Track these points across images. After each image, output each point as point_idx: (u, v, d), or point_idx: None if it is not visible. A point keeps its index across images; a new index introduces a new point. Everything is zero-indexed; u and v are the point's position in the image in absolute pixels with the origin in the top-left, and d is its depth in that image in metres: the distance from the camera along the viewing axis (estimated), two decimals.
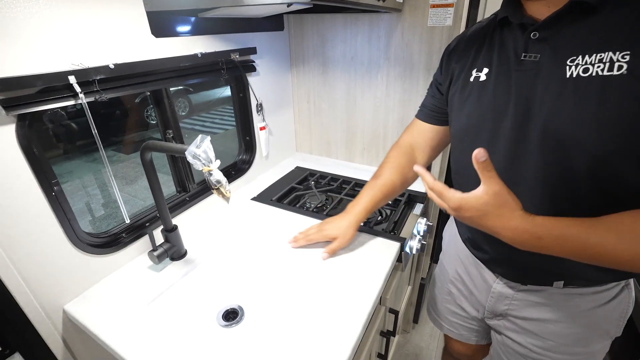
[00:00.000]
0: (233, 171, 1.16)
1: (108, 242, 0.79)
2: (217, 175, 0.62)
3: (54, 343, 0.71)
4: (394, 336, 0.94)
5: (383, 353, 0.91)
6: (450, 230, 0.86)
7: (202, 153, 0.61)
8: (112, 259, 0.79)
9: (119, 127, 4.20)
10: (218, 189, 0.63)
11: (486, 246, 0.66)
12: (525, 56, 0.51)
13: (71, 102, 0.64)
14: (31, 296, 0.65)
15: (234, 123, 1.16)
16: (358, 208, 0.82)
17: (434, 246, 1.47)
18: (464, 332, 0.87)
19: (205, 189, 1.04)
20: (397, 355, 1.51)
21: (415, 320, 1.63)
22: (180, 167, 0.96)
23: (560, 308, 0.63)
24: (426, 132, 0.77)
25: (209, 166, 0.62)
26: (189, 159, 0.62)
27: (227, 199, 0.65)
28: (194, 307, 0.82)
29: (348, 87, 1.23)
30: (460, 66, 0.63)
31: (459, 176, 0.68)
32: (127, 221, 0.79)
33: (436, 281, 0.91)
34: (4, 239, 0.60)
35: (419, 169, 0.55)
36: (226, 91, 5.80)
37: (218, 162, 0.63)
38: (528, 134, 0.51)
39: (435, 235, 1.43)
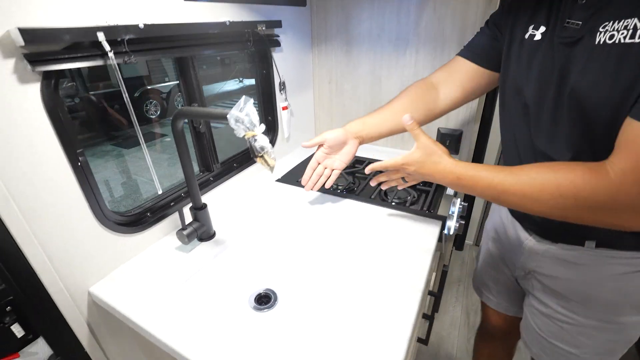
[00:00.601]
0: None
1: (133, 221, 0.74)
2: (262, 141, 0.57)
3: (79, 328, 0.66)
4: (433, 320, 0.90)
5: (424, 338, 0.86)
6: None
7: (244, 117, 0.56)
8: (137, 239, 0.74)
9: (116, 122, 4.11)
10: (262, 155, 0.58)
11: None
12: (568, 22, 0.50)
13: (99, 63, 0.59)
14: (56, 276, 0.59)
15: None
16: (362, 124, 0.82)
17: (457, 233, 1.43)
18: (502, 300, 0.85)
19: (229, 169, 0.98)
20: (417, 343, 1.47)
21: (436, 308, 1.59)
22: (205, 145, 0.90)
23: (590, 269, 0.60)
24: (464, 71, 0.73)
25: (253, 131, 0.57)
26: (232, 123, 0.56)
27: (271, 167, 0.60)
28: (226, 290, 0.77)
29: (373, 67, 1.18)
30: (520, 16, 0.60)
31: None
32: (160, 191, 0.74)
33: (481, 246, 0.90)
34: (28, 212, 0.54)
35: (406, 120, 0.63)
36: (232, 85, 5.73)
37: (263, 127, 0.58)
38: (563, 99, 0.51)
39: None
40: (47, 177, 0.56)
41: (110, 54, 0.58)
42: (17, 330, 0.58)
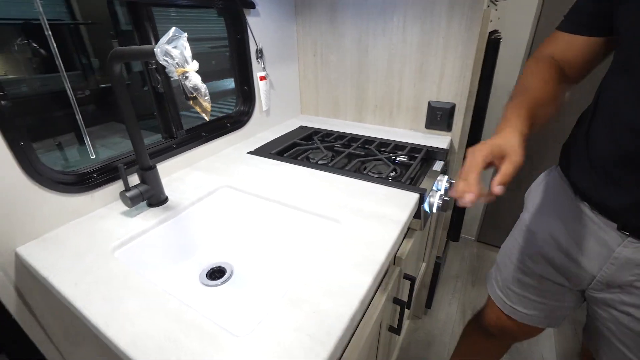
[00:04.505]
0: (229, 123, 1.03)
1: (76, 181, 0.68)
2: (195, 80, 0.50)
3: (4, 291, 0.60)
4: (409, 308, 0.81)
5: (395, 326, 0.77)
6: (547, 187, 0.69)
7: (173, 50, 0.48)
8: (80, 200, 0.68)
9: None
10: (195, 97, 0.51)
11: (634, 186, 0.49)
12: None
13: None
14: None
15: None
16: (514, 120, 0.51)
17: (452, 221, 1.32)
18: (534, 311, 0.72)
19: (196, 137, 0.92)
20: (406, 342, 1.37)
21: (429, 305, 1.49)
22: (167, 107, 0.84)
23: None
24: (577, 47, 0.58)
25: (183, 67, 0.49)
26: (160, 58, 0.49)
27: (206, 112, 0.52)
28: (171, 259, 0.70)
29: (360, 35, 1.10)
30: None
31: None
32: (93, 156, 0.68)
33: (510, 247, 0.75)
34: None
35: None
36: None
37: (196, 64, 0.50)
38: None
39: (454, 210, 1.28)
40: None
41: None
42: None
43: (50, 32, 0.57)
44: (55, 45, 0.61)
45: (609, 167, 0.53)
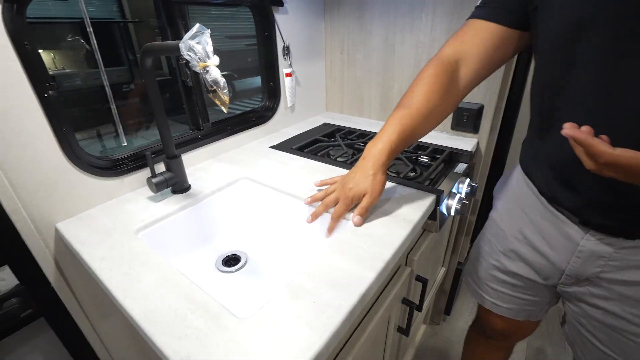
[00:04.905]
0: (253, 118, 1.07)
1: (109, 166, 0.74)
2: (215, 74, 0.53)
3: (45, 262, 0.67)
4: (419, 310, 0.79)
5: (404, 327, 0.76)
6: (511, 185, 0.69)
7: (196, 45, 0.51)
8: (112, 184, 0.74)
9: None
10: (215, 90, 0.54)
11: (583, 185, 0.50)
12: None
13: None
14: (18, 203, 0.60)
15: None
16: (380, 146, 0.60)
17: (475, 228, 1.28)
18: (513, 305, 0.71)
19: (221, 130, 0.96)
20: (422, 348, 1.34)
21: (447, 311, 1.45)
22: (195, 100, 0.88)
23: None
24: (486, 37, 0.56)
25: (205, 62, 0.52)
26: (184, 53, 0.53)
27: (225, 104, 0.55)
28: (190, 244, 0.74)
29: (387, 33, 1.09)
30: None
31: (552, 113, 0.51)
32: (124, 143, 0.73)
33: (482, 245, 0.75)
34: None
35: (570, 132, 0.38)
36: None
37: (216, 59, 0.53)
38: None
39: (478, 213, 1.24)
40: (10, 103, 0.57)
41: None
42: None
43: (91, 29, 0.63)
44: (96, 41, 0.67)
45: (560, 169, 0.54)
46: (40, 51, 0.59)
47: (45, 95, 0.60)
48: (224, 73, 0.55)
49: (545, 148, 0.56)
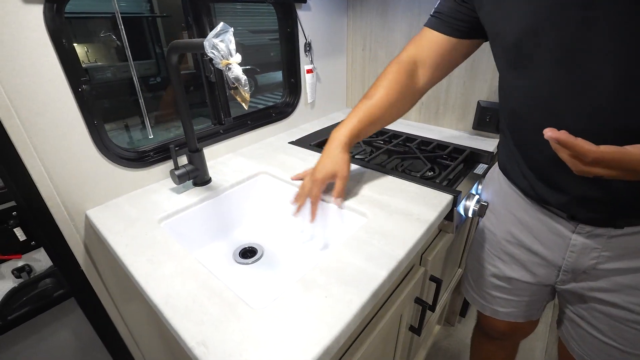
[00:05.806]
0: (274, 113, 1.08)
1: (136, 158, 0.77)
2: (237, 71, 0.54)
3: (76, 246, 0.72)
4: (433, 311, 0.79)
5: (416, 326, 0.76)
6: (494, 187, 0.71)
7: (220, 43, 0.53)
8: (138, 175, 0.77)
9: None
10: (236, 87, 0.55)
11: (566, 184, 0.51)
12: None
13: None
14: (54, 191, 0.65)
15: None
16: (342, 130, 0.68)
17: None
18: (512, 309, 0.72)
19: (242, 125, 0.98)
20: (435, 348, 1.33)
21: (463, 313, 1.43)
22: (217, 96, 0.91)
23: None
24: (437, 46, 0.64)
25: (227, 59, 0.54)
26: (208, 51, 0.54)
27: (245, 101, 0.57)
28: (209, 235, 0.77)
29: (410, 29, 1.07)
30: None
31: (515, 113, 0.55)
32: (151, 136, 0.77)
33: (477, 252, 0.75)
34: (28, 125, 0.59)
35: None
36: None
37: (239, 57, 0.55)
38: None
39: None
40: (49, 97, 0.61)
41: None
42: (20, 234, 0.65)
43: (122, 25, 0.66)
44: (126, 36, 0.70)
45: (541, 170, 0.55)
46: (74, 45, 0.62)
47: (80, 89, 0.64)
48: (247, 67, 0.57)
49: (521, 150, 0.58)
